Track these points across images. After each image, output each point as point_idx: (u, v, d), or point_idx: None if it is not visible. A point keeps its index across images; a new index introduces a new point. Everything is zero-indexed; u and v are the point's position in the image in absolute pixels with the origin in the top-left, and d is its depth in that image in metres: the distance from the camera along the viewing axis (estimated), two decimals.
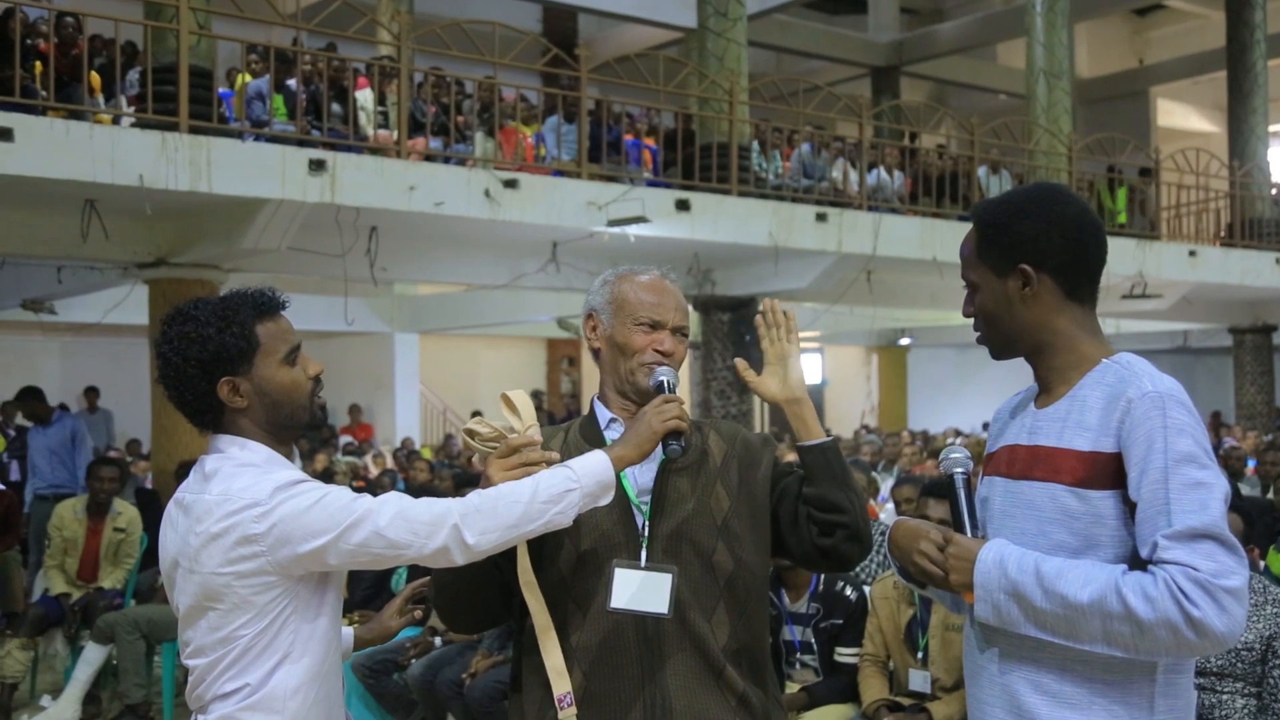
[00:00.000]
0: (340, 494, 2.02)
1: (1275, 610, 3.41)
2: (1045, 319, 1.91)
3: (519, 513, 1.96)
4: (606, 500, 2.04)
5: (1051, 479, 1.86)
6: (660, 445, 2.10)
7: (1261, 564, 5.00)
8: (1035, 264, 1.88)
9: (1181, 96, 22.62)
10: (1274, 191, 15.65)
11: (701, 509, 2.19)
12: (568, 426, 2.37)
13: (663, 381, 2.22)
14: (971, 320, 2.01)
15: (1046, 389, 1.96)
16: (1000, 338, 1.96)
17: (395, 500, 2.01)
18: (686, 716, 2.10)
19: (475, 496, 1.99)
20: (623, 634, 2.12)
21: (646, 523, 2.17)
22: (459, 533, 1.95)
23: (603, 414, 2.31)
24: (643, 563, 2.13)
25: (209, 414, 2.11)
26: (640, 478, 2.21)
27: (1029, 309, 1.91)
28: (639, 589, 2.10)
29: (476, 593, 2.21)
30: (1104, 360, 1.90)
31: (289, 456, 2.17)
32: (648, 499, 2.19)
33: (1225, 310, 15.96)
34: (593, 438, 2.28)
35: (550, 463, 2.08)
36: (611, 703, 2.11)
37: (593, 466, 2.01)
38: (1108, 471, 1.81)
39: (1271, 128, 16.69)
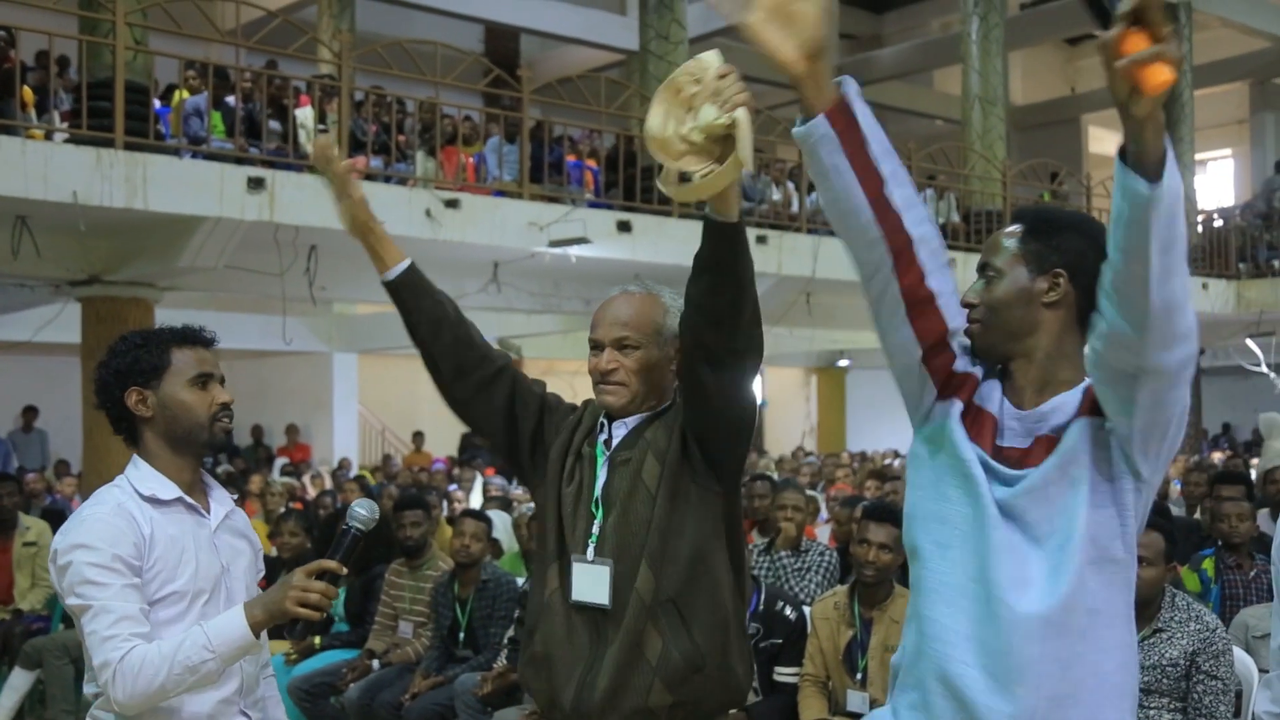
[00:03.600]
0: (110, 589, 2.24)
1: (1199, 628, 3.49)
2: (1054, 328, 1.93)
3: (160, 682, 2.20)
4: (256, 652, 2.36)
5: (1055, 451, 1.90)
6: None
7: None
8: (1070, 275, 1.92)
9: (1112, 124, 23.07)
10: (1200, 219, 16.02)
11: (637, 488, 2.31)
12: (586, 407, 2.48)
13: (350, 529, 2.35)
14: (968, 310, 2.00)
15: (1020, 397, 1.97)
16: (1001, 331, 1.96)
17: (109, 620, 2.22)
18: (608, 693, 2.25)
19: (137, 654, 2.19)
20: (574, 618, 2.33)
21: (597, 521, 2.33)
22: (110, 686, 2.21)
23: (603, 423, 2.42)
24: (590, 557, 2.31)
25: (122, 423, 2.44)
26: (601, 477, 2.37)
27: (1045, 313, 1.93)
28: (587, 581, 2.31)
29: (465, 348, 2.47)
30: (1088, 380, 1.96)
31: (193, 472, 2.45)
32: (601, 496, 2.35)
33: None
34: (590, 447, 2.41)
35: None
36: (560, 674, 2.32)
37: (230, 635, 2.24)
38: (1091, 399, 1.88)
39: (1197, 157, 17.10)
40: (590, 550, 2.31)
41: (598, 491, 2.35)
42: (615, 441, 2.37)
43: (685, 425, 2.30)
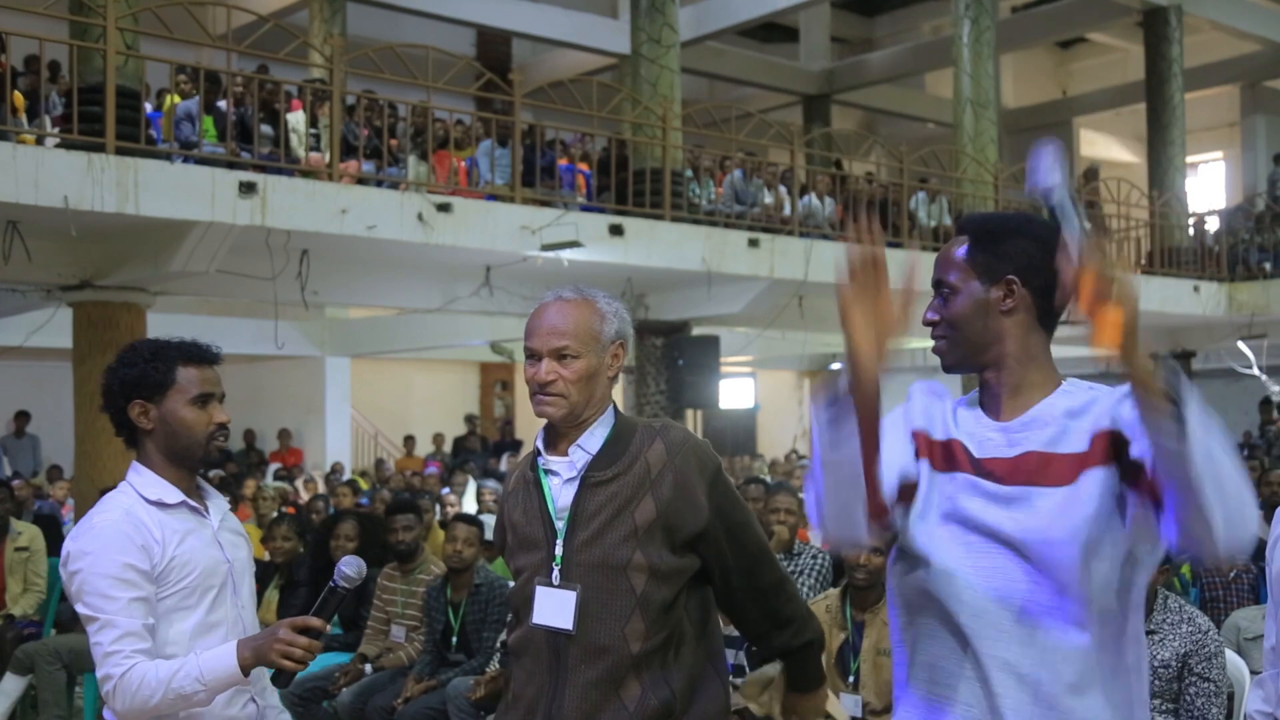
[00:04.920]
0: (117, 603, 2.35)
1: (1191, 629, 3.50)
2: (1017, 333, 1.92)
3: (154, 704, 2.35)
4: (244, 685, 2.40)
5: (1062, 483, 1.85)
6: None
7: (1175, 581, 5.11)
8: (1022, 279, 1.91)
9: (1103, 127, 23.16)
10: (1191, 221, 16.06)
11: (620, 520, 2.24)
12: (527, 459, 2.43)
13: (335, 586, 2.38)
14: (931, 329, 1.99)
15: (998, 405, 1.96)
16: (966, 345, 1.95)
17: (113, 636, 2.35)
18: None
19: (137, 673, 2.33)
20: (540, 644, 2.27)
21: (560, 541, 2.26)
22: (111, 697, 2.36)
23: (541, 445, 2.37)
24: (555, 581, 2.26)
25: (124, 430, 2.55)
26: (561, 496, 2.29)
27: (1005, 320, 1.92)
28: (551, 605, 2.25)
29: None
30: (1065, 381, 1.95)
31: (190, 479, 2.57)
32: (566, 516, 2.28)
33: (1146, 336, 16.11)
34: (533, 470, 2.36)
35: None
36: (523, 706, 2.28)
37: (221, 672, 2.35)
38: (1103, 448, 1.83)
39: (1189, 159, 17.13)
40: (555, 574, 2.26)
41: (554, 507, 2.29)
42: (580, 463, 2.30)
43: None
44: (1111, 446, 1.83)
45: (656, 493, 2.25)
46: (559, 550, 2.26)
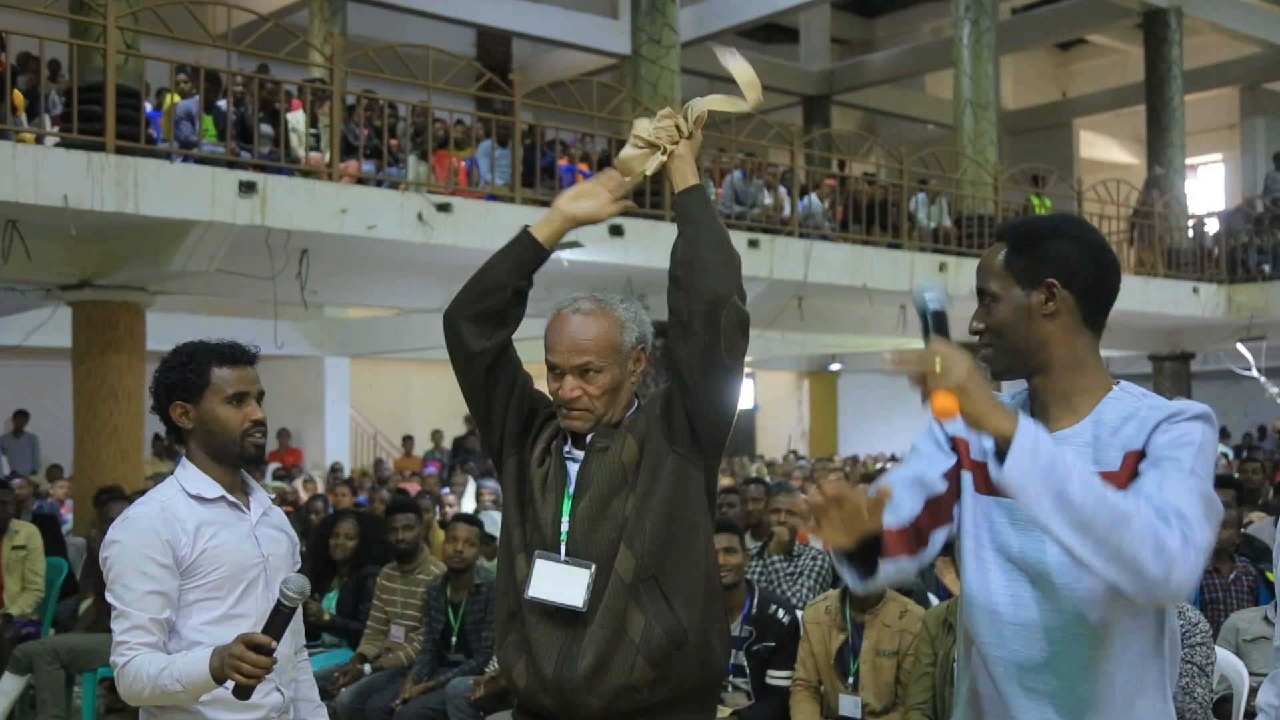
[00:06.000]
0: (134, 593, 2.48)
1: (1180, 622, 3.50)
2: (1063, 337, 1.91)
3: (146, 695, 2.47)
4: (218, 691, 2.39)
5: None
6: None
7: None
8: (1063, 281, 1.90)
9: (1103, 129, 23.17)
10: (1191, 223, 16.06)
11: (612, 467, 2.28)
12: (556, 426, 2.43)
13: (280, 604, 2.37)
14: (976, 336, 1.99)
15: (1046, 412, 1.95)
16: (1012, 352, 1.94)
17: (125, 626, 2.47)
18: (590, 672, 2.22)
19: (135, 665, 2.44)
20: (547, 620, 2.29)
21: (566, 518, 2.29)
22: (117, 681, 2.49)
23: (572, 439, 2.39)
24: (562, 556, 2.27)
25: (171, 429, 2.69)
26: (573, 469, 2.34)
27: (1048, 325, 1.91)
28: (557, 580, 2.25)
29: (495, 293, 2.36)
30: (1116, 386, 1.93)
31: (233, 475, 2.68)
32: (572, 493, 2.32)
33: (1145, 338, 16.33)
34: (557, 448, 2.38)
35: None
36: (540, 654, 2.27)
37: (196, 677, 2.41)
38: (1132, 468, 1.83)
39: (1188, 161, 17.14)
40: (563, 549, 2.27)
41: (571, 485, 2.32)
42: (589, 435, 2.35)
43: (678, 392, 2.29)
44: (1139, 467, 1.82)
45: (635, 431, 2.31)
46: (565, 526, 2.28)
